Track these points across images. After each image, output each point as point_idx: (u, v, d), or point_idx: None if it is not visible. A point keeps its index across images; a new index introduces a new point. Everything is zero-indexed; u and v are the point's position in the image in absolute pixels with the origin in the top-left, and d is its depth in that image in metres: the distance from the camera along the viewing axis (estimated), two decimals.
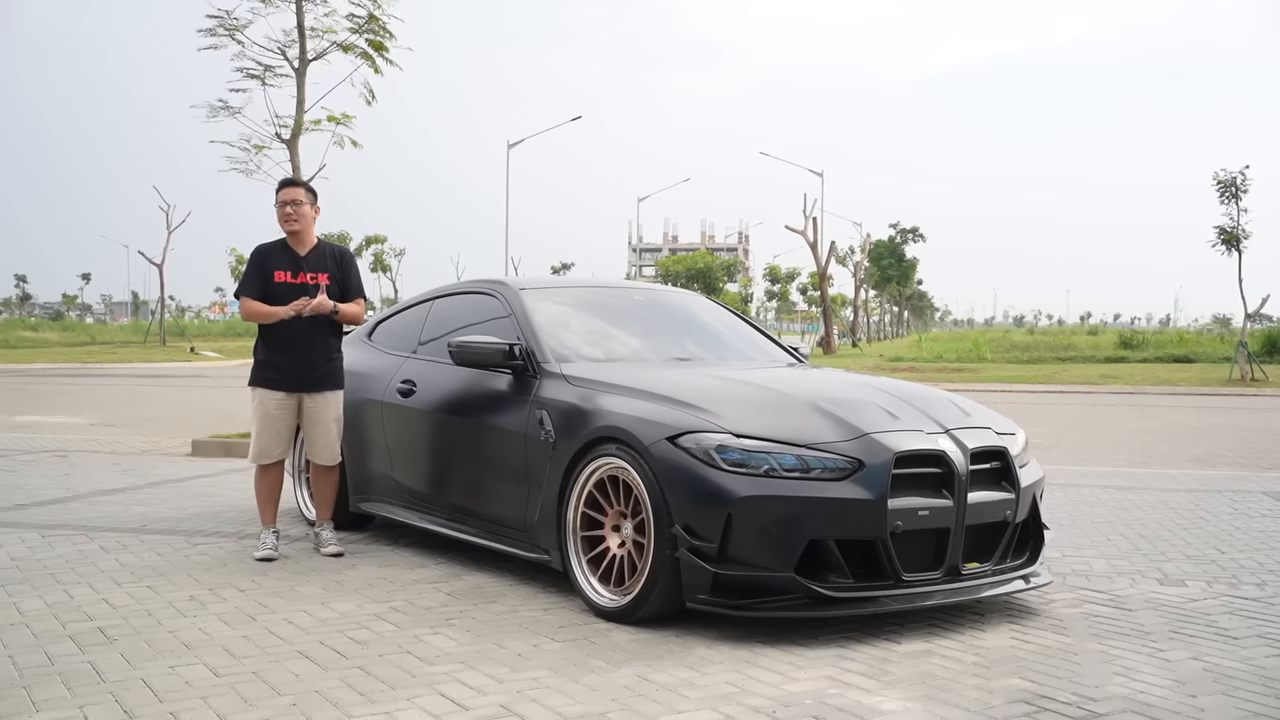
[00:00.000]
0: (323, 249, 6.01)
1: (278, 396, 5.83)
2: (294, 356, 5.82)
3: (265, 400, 5.83)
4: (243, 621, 4.53)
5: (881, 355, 41.02)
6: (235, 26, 10.98)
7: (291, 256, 5.91)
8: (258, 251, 5.96)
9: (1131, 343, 38.30)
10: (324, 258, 5.98)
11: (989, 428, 4.84)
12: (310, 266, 5.90)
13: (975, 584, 4.58)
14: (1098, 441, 12.62)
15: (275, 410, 5.82)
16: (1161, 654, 4.17)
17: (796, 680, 3.83)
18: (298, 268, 5.88)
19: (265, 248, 5.97)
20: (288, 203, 5.88)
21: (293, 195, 5.92)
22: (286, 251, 5.93)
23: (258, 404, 5.85)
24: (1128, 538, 6.53)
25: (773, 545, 4.25)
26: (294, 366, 5.82)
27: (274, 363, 5.83)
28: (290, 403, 5.86)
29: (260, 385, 5.86)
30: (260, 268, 5.86)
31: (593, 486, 4.75)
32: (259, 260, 5.90)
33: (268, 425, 5.82)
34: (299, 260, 5.90)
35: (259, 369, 5.89)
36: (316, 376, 5.89)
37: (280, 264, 5.88)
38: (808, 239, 47.57)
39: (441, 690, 3.67)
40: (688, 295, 6.93)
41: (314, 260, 5.93)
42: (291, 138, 11.12)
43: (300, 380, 5.85)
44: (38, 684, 3.69)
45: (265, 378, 5.85)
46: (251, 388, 5.91)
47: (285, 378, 5.82)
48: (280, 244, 5.96)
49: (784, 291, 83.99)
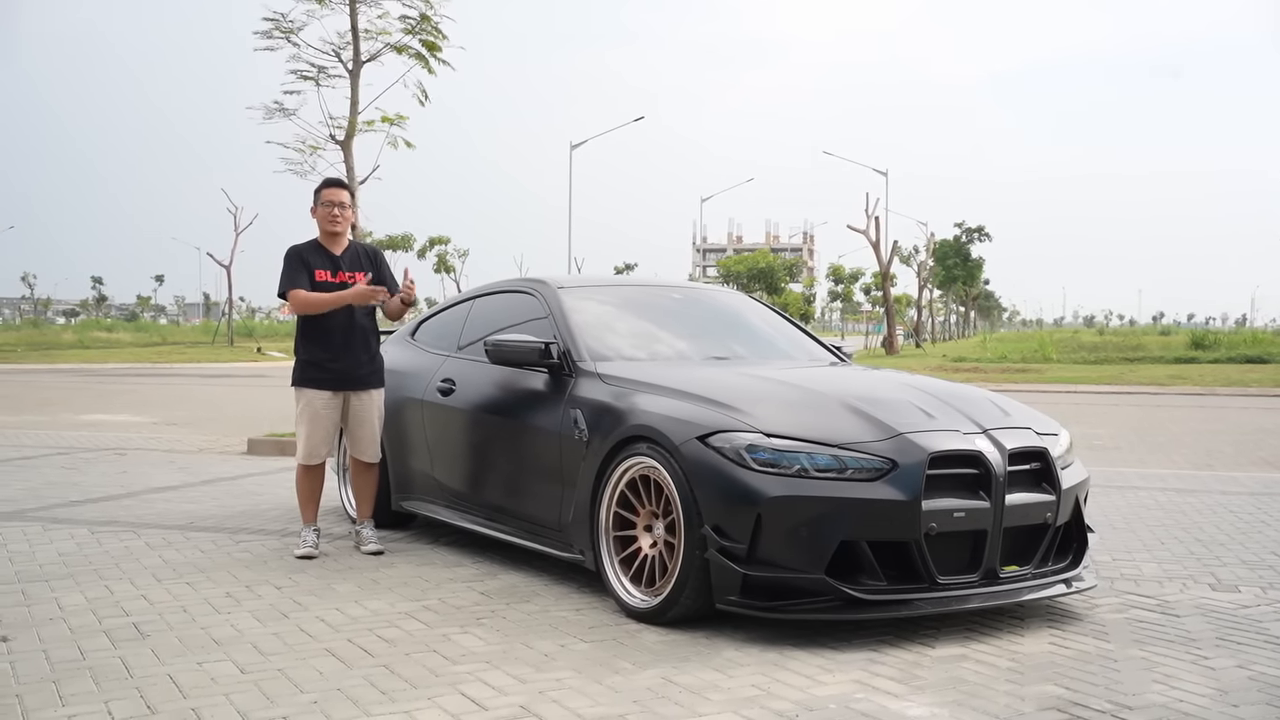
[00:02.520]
0: (355, 248, 6.02)
1: (325, 396, 5.85)
2: (339, 356, 5.83)
3: (313, 400, 5.85)
4: (275, 618, 4.55)
5: (945, 356, 40.50)
6: (290, 29, 11.12)
7: (329, 256, 5.92)
8: (293, 250, 5.91)
9: (1203, 343, 37.35)
10: (359, 257, 5.99)
11: (1029, 428, 4.73)
12: (348, 266, 5.91)
13: (1014, 588, 4.47)
14: (1161, 443, 12.34)
15: (323, 410, 5.85)
16: (1205, 661, 4.05)
17: (823, 684, 3.76)
18: (337, 266, 5.89)
19: (299, 247, 5.94)
20: (335, 204, 5.89)
21: (340, 197, 5.93)
22: (322, 251, 5.93)
23: (305, 404, 5.86)
24: (1183, 541, 6.36)
25: (803, 546, 4.19)
26: (340, 366, 5.84)
27: (318, 362, 5.84)
28: (336, 401, 5.89)
29: (307, 385, 5.86)
30: (302, 262, 5.85)
31: (625, 486, 4.72)
32: (298, 257, 5.87)
33: (317, 425, 5.85)
34: (336, 260, 5.91)
35: (303, 369, 5.88)
36: (361, 375, 5.91)
37: (319, 263, 5.88)
38: (869, 238, 47.18)
39: (463, 690, 3.66)
40: (728, 294, 6.87)
41: (350, 259, 5.95)
42: (346, 139, 11.24)
43: (346, 379, 5.87)
44: (67, 679, 3.73)
45: (311, 377, 5.86)
46: (297, 388, 5.91)
47: (332, 377, 5.84)
48: (314, 244, 5.95)
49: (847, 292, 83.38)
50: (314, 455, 5.89)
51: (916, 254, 69.55)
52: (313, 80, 11.17)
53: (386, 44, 11.25)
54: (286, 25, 11.07)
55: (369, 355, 5.95)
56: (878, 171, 51.65)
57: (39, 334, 54.38)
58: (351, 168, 11.22)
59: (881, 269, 48.66)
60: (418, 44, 11.27)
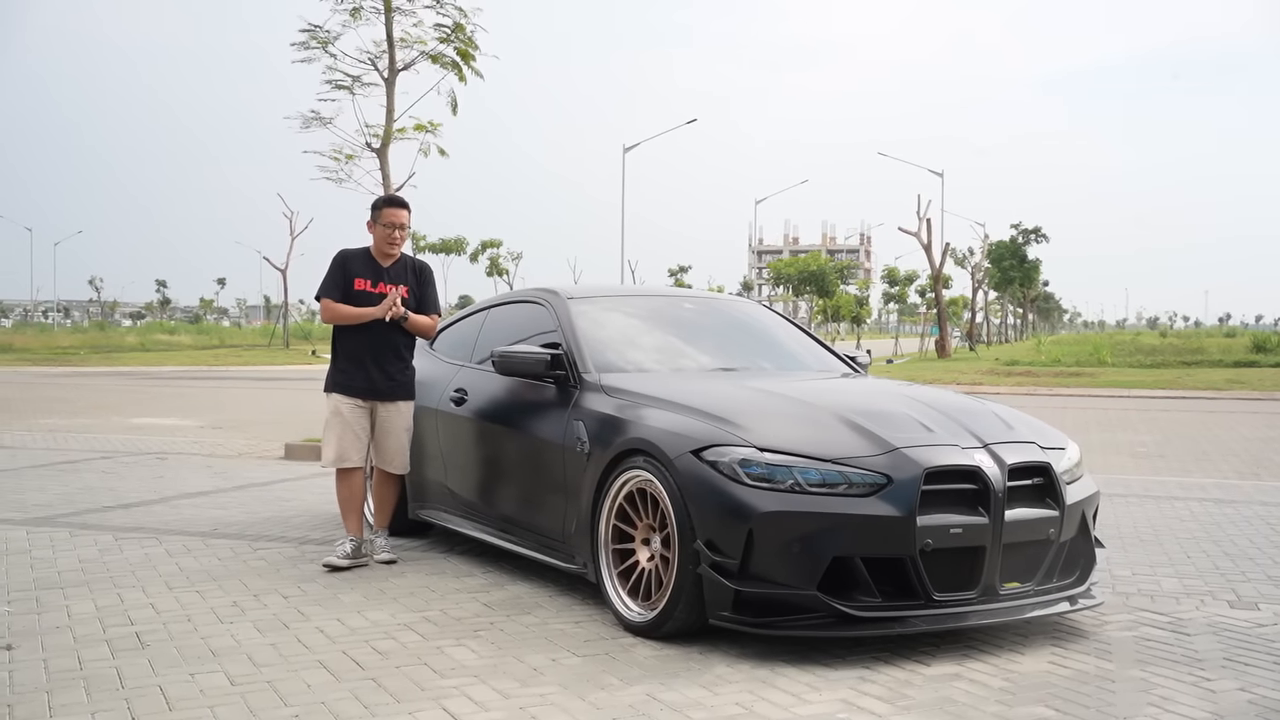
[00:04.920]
0: (404, 262, 6.05)
1: (354, 403, 5.89)
2: (370, 366, 5.87)
3: (341, 405, 5.88)
4: (276, 629, 4.60)
5: (997, 359, 39.99)
6: (326, 39, 11.23)
7: (374, 267, 5.96)
8: (341, 256, 5.98)
9: (1265, 346, 36.50)
10: (405, 271, 6.02)
11: (1033, 442, 4.65)
12: (391, 278, 5.94)
13: (1014, 604, 4.40)
14: (1208, 450, 12.09)
15: (350, 415, 5.88)
16: (1207, 683, 3.95)
17: (809, 703, 3.73)
18: (378, 278, 5.92)
19: (349, 253, 6.01)
20: (396, 226, 5.93)
21: (400, 219, 5.96)
22: (370, 261, 5.97)
23: (333, 409, 5.90)
24: (1210, 555, 6.23)
25: (795, 562, 4.15)
26: (370, 375, 5.88)
27: (349, 370, 5.89)
28: (366, 409, 5.92)
29: (336, 391, 5.91)
30: (344, 272, 5.90)
31: (623, 499, 4.71)
32: (342, 265, 5.93)
33: (345, 429, 5.87)
34: (380, 271, 5.95)
35: (336, 375, 5.94)
36: (391, 386, 5.94)
37: (362, 272, 5.92)
38: (921, 240, 46.71)
39: (445, 704, 3.67)
40: (743, 303, 6.83)
41: (395, 272, 5.98)
42: (381, 147, 11.32)
43: (375, 389, 5.90)
44: (60, 689, 3.79)
45: (341, 384, 5.90)
46: (327, 393, 5.96)
47: (361, 385, 5.88)
48: (364, 252, 6.00)
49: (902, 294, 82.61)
50: (343, 459, 5.88)
51: (971, 255, 68.82)
52: (348, 89, 11.27)
53: (422, 52, 11.33)
54: (323, 36, 11.18)
55: (399, 368, 5.97)
56: (933, 172, 51.19)
57: (103, 336, 55.55)
58: (387, 175, 11.30)
59: (933, 271, 48.17)
60: (452, 52, 11.33)
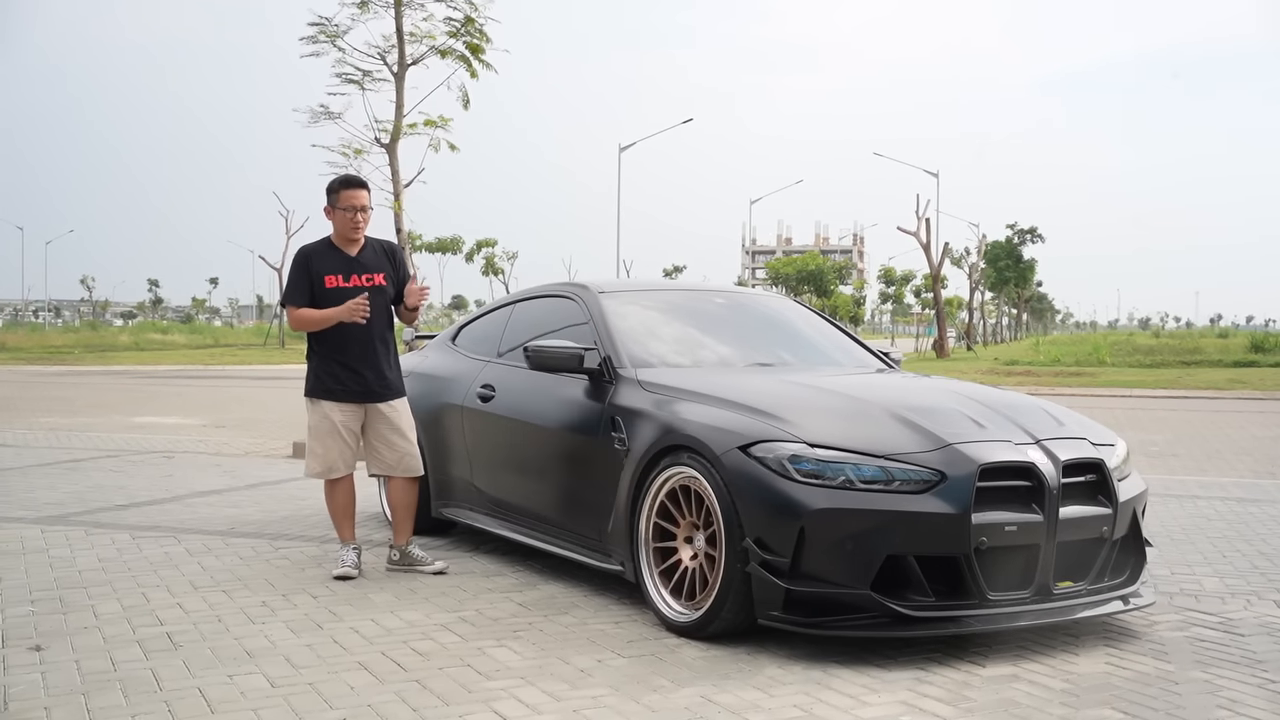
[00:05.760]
0: (372, 246, 5.59)
1: (346, 408, 5.47)
2: (360, 366, 5.44)
3: (331, 413, 5.45)
4: (309, 629, 4.48)
5: (996, 359, 39.97)
6: (336, 34, 11.13)
7: (342, 258, 5.48)
8: (302, 254, 5.50)
9: (1263, 346, 36.48)
10: (377, 256, 5.57)
11: (1084, 438, 4.56)
12: (363, 268, 5.48)
13: (1068, 604, 4.30)
14: (1220, 450, 12.02)
15: (342, 422, 5.47)
16: (1273, 685, 3.86)
17: (869, 705, 3.63)
18: (350, 269, 5.45)
19: (310, 249, 5.51)
20: (357, 208, 5.45)
21: (361, 200, 5.47)
22: (335, 253, 5.50)
23: (321, 417, 5.46)
24: (1246, 555, 6.14)
25: (848, 560, 4.05)
26: (362, 377, 5.45)
27: (337, 373, 5.44)
28: (358, 414, 5.52)
29: (323, 397, 5.47)
30: (307, 272, 5.45)
31: (665, 496, 4.60)
32: (305, 265, 5.46)
33: (335, 438, 5.46)
34: (351, 261, 5.48)
35: (320, 379, 5.47)
36: (386, 384, 5.53)
37: (330, 267, 5.45)
38: (920, 240, 46.70)
39: (496, 707, 3.56)
40: (773, 298, 6.73)
41: (368, 260, 5.52)
42: (390, 142, 11.24)
43: (369, 390, 5.48)
44: (96, 691, 3.68)
45: (329, 389, 5.45)
46: (311, 399, 5.51)
47: (355, 389, 5.45)
48: (326, 244, 5.53)
49: (898, 294, 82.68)
50: (332, 470, 5.50)
51: (968, 255, 68.84)
52: (357, 84, 11.17)
53: (431, 47, 11.23)
54: (332, 30, 11.08)
55: (390, 363, 5.56)
56: (928, 173, 51.18)
57: (96, 336, 55.31)
58: (397, 170, 11.22)
59: (932, 271, 48.15)
60: (462, 46, 11.23)
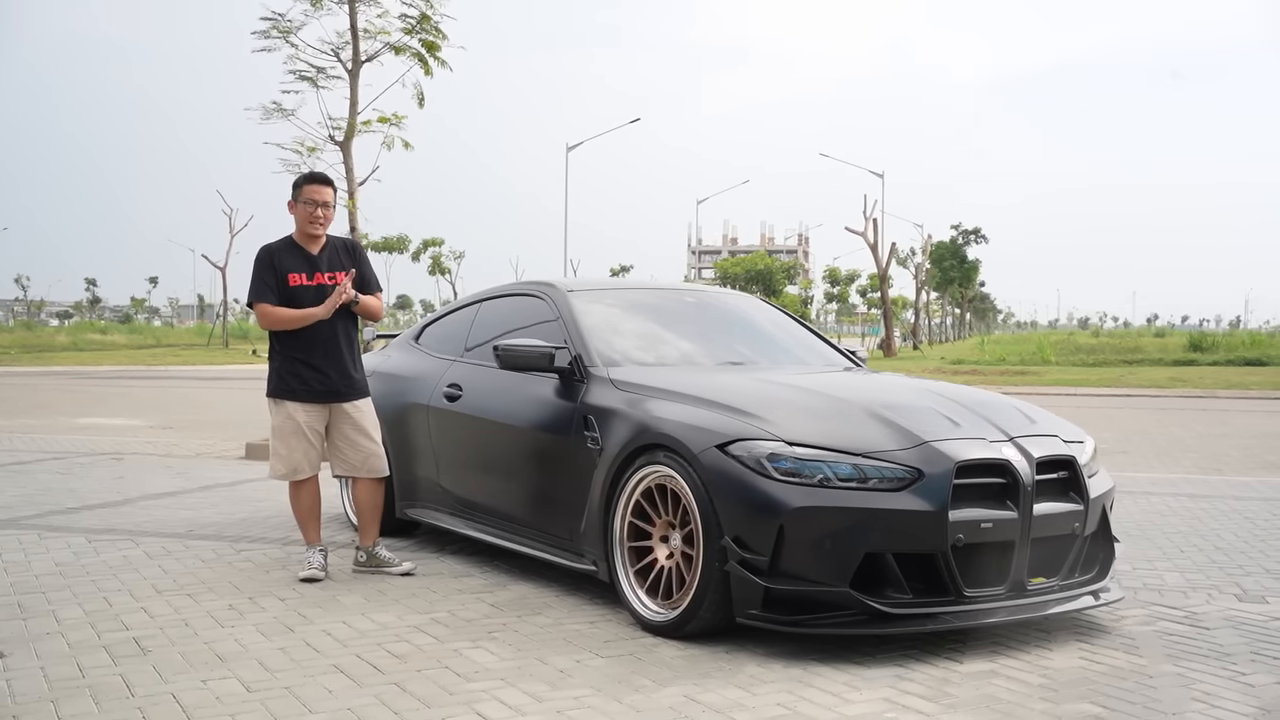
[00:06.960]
0: (334, 245, 5.55)
1: (310, 408, 5.41)
2: (325, 365, 5.39)
3: (295, 413, 5.39)
4: (280, 633, 4.41)
5: (943, 358, 40.40)
6: (289, 29, 10.96)
7: (305, 256, 5.44)
8: (265, 252, 5.44)
9: (1201, 345, 37.26)
10: (338, 254, 5.52)
11: (1056, 435, 4.60)
12: (327, 266, 5.44)
13: (1042, 600, 4.34)
14: (1167, 447, 12.22)
15: (306, 422, 5.41)
16: (1243, 678, 3.92)
17: (852, 702, 3.63)
18: (313, 267, 5.41)
19: (273, 247, 5.46)
20: (319, 203, 5.41)
21: (324, 195, 5.44)
22: (297, 251, 5.45)
23: (285, 417, 5.40)
24: (1202, 549, 6.24)
25: (827, 558, 4.06)
26: (326, 376, 5.39)
27: (301, 373, 5.37)
28: (323, 414, 5.45)
29: (287, 398, 5.39)
30: (273, 269, 5.38)
31: (640, 495, 4.58)
32: (269, 262, 5.39)
33: (299, 439, 5.39)
34: (313, 260, 5.44)
35: (283, 379, 5.40)
36: (351, 384, 5.47)
37: (293, 265, 5.40)
38: (868, 240, 47.10)
39: (478, 709, 3.52)
40: (741, 297, 6.74)
41: (330, 258, 5.47)
42: (345, 139, 11.08)
43: (334, 390, 5.42)
44: (66, 698, 3.59)
45: (292, 389, 5.38)
46: (274, 400, 5.44)
47: (319, 388, 5.39)
48: (289, 243, 5.48)
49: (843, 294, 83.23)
50: (298, 471, 5.43)
51: (913, 256, 69.50)
52: (311, 81, 11.02)
53: (386, 44, 11.10)
54: (285, 25, 10.92)
55: (353, 362, 5.50)
56: (873, 173, 51.60)
57: (32, 336, 54.22)
58: (351, 169, 11.07)
59: (879, 271, 48.58)
60: (417, 44, 11.11)
